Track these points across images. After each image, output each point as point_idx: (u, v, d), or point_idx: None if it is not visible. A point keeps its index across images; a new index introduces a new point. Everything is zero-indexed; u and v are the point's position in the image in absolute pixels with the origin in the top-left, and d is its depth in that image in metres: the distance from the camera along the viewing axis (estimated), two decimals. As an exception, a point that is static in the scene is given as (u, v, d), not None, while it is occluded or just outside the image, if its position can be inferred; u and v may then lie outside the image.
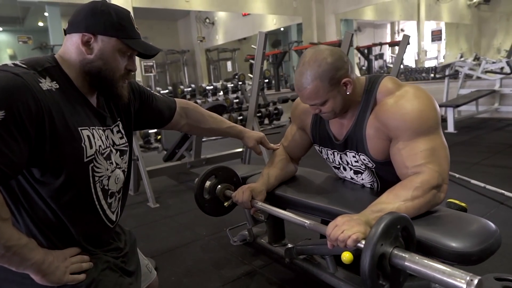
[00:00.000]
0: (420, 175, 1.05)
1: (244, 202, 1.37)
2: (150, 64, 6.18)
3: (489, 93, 5.73)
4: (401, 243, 0.91)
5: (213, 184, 1.58)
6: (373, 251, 0.84)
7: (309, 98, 1.16)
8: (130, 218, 2.67)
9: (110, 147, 0.98)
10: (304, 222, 1.16)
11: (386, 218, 0.87)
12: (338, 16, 9.42)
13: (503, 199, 2.37)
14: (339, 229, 0.95)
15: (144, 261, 1.26)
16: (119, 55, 0.91)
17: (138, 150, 3.01)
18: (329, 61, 1.10)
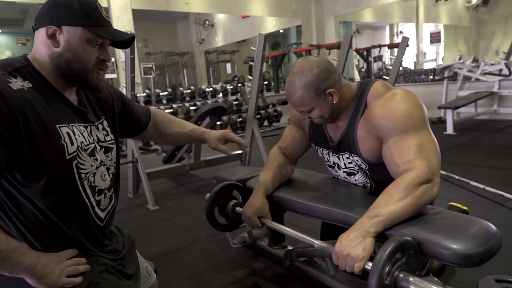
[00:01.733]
0: (410, 172, 1.07)
1: (254, 226, 1.46)
2: (149, 66, 6.18)
3: (488, 94, 5.74)
4: (407, 266, 0.94)
5: (222, 207, 1.64)
6: (379, 277, 0.89)
7: (296, 105, 1.24)
8: (130, 221, 2.67)
9: (95, 143, 0.96)
10: (313, 243, 1.22)
11: (392, 242, 0.91)
12: (337, 18, 9.44)
13: (503, 200, 2.37)
14: (342, 261, 1.02)
15: (143, 264, 1.26)
16: (88, 45, 0.88)
17: (137, 152, 3.00)
18: (315, 72, 1.17)
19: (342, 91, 1.23)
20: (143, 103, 6.40)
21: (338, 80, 1.22)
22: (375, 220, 1.03)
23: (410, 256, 0.96)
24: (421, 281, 0.90)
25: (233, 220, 1.67)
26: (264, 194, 1.48)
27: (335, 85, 1.20)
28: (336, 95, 1.20)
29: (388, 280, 0.90)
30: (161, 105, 6.17)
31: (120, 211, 2.89)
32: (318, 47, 8.17)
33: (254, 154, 3.66)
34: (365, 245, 0.99)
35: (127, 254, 1.06)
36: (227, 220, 1.67)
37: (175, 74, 13.07)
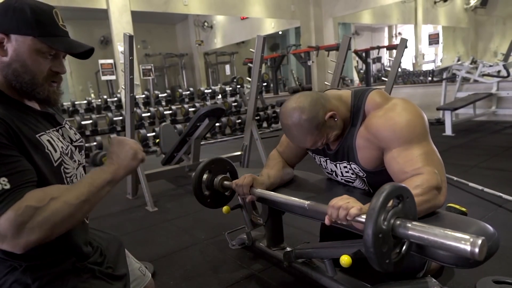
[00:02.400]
0: (419, 175, 1.07)
1: (244, 185, 1.39)
2: (148, 68, 6.18)
3: (486, 96, 5.75)
4: (402, 214, 0.89)
5: (210, 178, 1.59)
6: (375, 221, 0.82)
7: (312, 146, 1.25)
8: (129, 222, 2.67)
9: (70, 145, 0.95)
10: (304, 203, 1.17)
11: (386, 188, 0.85)
12: (336, 20, 9.46)
13: (501, 202, 2.38)
14: (343, 199, 1.00)
15: (136, 265, 1.25)
16: (38, 56, 0.83)
17: (137, 153, 3.00)
18: (305, 117, 1.17)
19: (335, 107, 1.22)
20: (142, 104, 6.40)
21: (326, 102, 1.21)
22: None
23: (406, 203, 0.90)
24: (421, 225, 0.83)
25: (220, 196, 1.62)
26: (267, 180, 1.46)
27: (327, 108, 1.19)
28: (335, 114, 1.20)
29: (385, 225, 0.85)
30: (160, 107, 6.16)
31: (119, 212, 2.89)
32: (317, 48, 8.19)
33: (253, 156, 3.67)
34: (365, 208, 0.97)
35: (114, 256, 1.06)
36: (214, 195, 1.61)
37: (174, 75, 13.07)
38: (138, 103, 6.20)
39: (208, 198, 1.61)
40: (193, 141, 3.37)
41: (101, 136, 5.36)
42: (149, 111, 5.94)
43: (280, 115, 1.24)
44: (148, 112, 5.94)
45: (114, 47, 6.24)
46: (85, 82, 10.34)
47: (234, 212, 1.75)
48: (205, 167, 1.59)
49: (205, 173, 1.59)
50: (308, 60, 8.41)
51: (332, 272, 1.41)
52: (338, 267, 1.38)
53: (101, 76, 5.95)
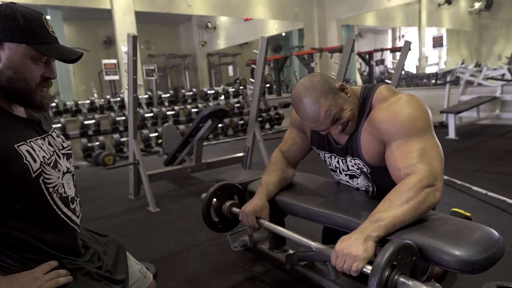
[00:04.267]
0: (411, 176, 1.07)
1: (250, 226, 1.45)
2: (151, 68, 6.19)
3: (490, 99, 5.73)
4: (406, 270, 0.94)
5: (218, 205, 1.65)
6: (379, 280, 0.88)
7: (328, 117, 1.17)
8: (130, 223, 2.66)
9: (55, 153, 0.94)
10: (311, 244, 1.21)
11: (389, 248, 0.90)
12: (339, 22, 9.45)
13: (505, 206, 2.36)
14: (341, 260, 1.00)
15: (137, 266, 1.25)
16: (31, 63, 0.84)
17: (139, 153, 3.00)
18: (317, 79, 1.20)
19: (348, 88, 1.25)
20: (144, 105, 6.41)
21: (335, 80, 1.25)
22: (377, 225, 1.03)
23: (410, 260, 0.95)
24: (419, 284, 0.89)
25: (229, 221, 1.68)
26: (266, 197, 1.48)
27: (337, 83, 1.23)
28: (345, 87, 1.22)
29: (388, 284, 0.90)
30: (163, 107, 6.17)
31: (121, 213, 2.89)
32: (320, 50, 8.18)
33: (255, 157, 3.66)
34: (367, 247, 0.99)
35: (113, 260, 1.05)
36: (223, 220, 1.67)
37: (177, 76, 13.09)
38: (140, 104, 6.20)
39: (218, 224, 1.68)
40: (195, 142, 3.37)
41: (103, 136, 5.37)
42: (152, 112, 5.95)
43: (294, 92, 1.24)
44: (150, 113, 5.94)
45: (117, 48, 6.26)
46: (88, 82, 10.36)
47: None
48: (214, 194, 1.64)
49: (214, 199, 1.64)
50: (311, 62, 8.40)
51: (334, 276, 1.40)
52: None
53: (104, 76, 5.97)
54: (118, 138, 5.29)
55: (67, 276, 0.87)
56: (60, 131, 5.47)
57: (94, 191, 3.68)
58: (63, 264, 0.90)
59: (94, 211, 2.95)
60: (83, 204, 1.07)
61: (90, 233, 1.13)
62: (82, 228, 1.06)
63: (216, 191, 1.64)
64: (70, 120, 5.63)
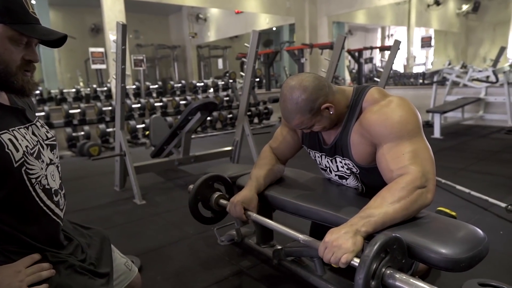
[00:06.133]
0: (404, 176, 1.08)
1: (238, 217, 1.43)
2: (140, 58, 6.09)
3: (474, 100, 5.84)
4: (393, 263, 0.94)
5: (205, 197, 1.62)
6: (366, 273, 0.87)
7: (296, 127, 1.28)
8: (116, 215, 2.63)
9: (39, 143, 0.92)
10: (298, 237, 1.20)
11: (378, 240, 0.90)
12: (330, 19, 9.46)
13: (487, 205, 2.42)
14: (329, 251, 0.99)
15: (122, 260, 1.23)
16: (11, 44, 0.80)
17: (126, 144, 2.95)
18: (304, 97, 1.17)
19: (336, 100, 1.23)
20: (132, 95, 6.31)
21: (330, 92, 1.21)
22: (366, 220, 1.03)
23: (397, 254, 0.94)
24: (407, 278, 0.89)
25: (217, 213, 1.66)
26: (256, 190, 1.47)
27: (327, 99, 1.20)
28: (332, 107, 1.21)
29: (375, 276, 0.89)
30: (150, 98, 6.09)
31: (106, 205, 2.85)
32: (310, 46, 8.19)
33: (243, 151, 3.66)
34: (356, 241, 0.99)
35: (97, 253, 1.03)
36: (210, 213, 1.65)
37: (165, 67, 12.93)
38: (128, 94, 6.10)
39: (205, 216, 1.65)
40: (183, 135, 3.33)
41: (89, 126, 5.27)
42: (140, 103, 5.86)
43: (284, 85, 1.23)
44: (138, 104, 5.86)
45: (105, 36, 6.12)
46: (74, 70, 10.14)
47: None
48: (201, 185, 1.61)
49: (201, 191, 1.62)
50: (302, 57, 8.41)
51: (321, 271, 1.41)
52: (327, 266, 1.38)
53: (91, 65, 5.84)
54: (104, 129, 5.20)
55: (50, 269, 0.86)
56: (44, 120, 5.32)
57: (79, 182, 3.62)
58: (46, 257, 0.88)
59: (78, 203, 2.89)
60: (67, 195, 1.04)
61: (74, 225, 1.11)
62: (66, 220, 1.03)
63: (203, 182, 1.61)
64: (54, 108, 5.49)
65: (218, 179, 1.68)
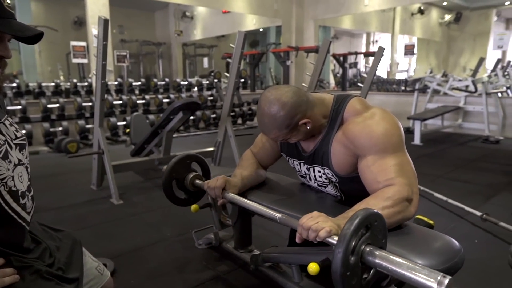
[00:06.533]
0: (391, 187, 1.08)
1: (216, 187, 1.36)
2: (123, 54, 5.97)
3: (454, 109, 5.98)
4: (374, 241, 0.90)
5: (181, 176, 1.55)
6: (346, 247, 0.83)
7: (272, 139, 1.30)
8: (92, 215, 2.55)
9: (7, 143, 0.87)
10: (275, 216, 1.15)
11: (359, 214, 0.86)
12: (317, 22, 9.52)
13: (463, 213, 2.46)
14: (314, 219, 0.98)
15: (94, 263, 1.19)
16: None
17: (104, 142, 2.88)
18: (282, 114, 1.15)
19: (314, 114, 1.21)
20: (114, 92, 6.18)
21: (308, 107, 1.19)
22: None
23: (378, 231, 0.92)
24: (387, 255, 0.86)
25: (191, 194, 1.60)
26: (240, 181, 1.43)
27: (306, 115, 1.18)
28: (309, 122, 1.19)
29: (354, 252, 0.86)
30: (132, 95, 5.97)
31: (82, 204, 2.77)
32: (296, 49, 8.21)
33: (225, 153, 3.62)
34: (337, 227, 0.96)
35: (67, 257, 0.99)
36: (185, 194, 1.59)
37: (150, 64, 12.74)
38: (110, 90, 5.97)
39: (181, 198, 1.59)
40: (165, 134, 3.27)
41: (68, 121, 5.13)
42: (121, 99, 5.74)
43: (262, 97, 1.20)
44: (120, 100, 5.74)
45: (88, 30, 5.98)
46: (55, 63, 9.87)
47: (203, 210, 1.70)
48: (176, 164, 1.54)
49: (176, 170, 1.55)
50: (287, 60, 8.43)
51: (298, 278, 1.39)
52: (304, 272, 1.37)
53: (72, 59, 5.68)
54: (84, 125, 5.07)
55: (13, 275, 0.81)
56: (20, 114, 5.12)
57: (54, 179, 3.51)
58: (10, 262, 0.84)
59: (53, 201, 2.80)
60: (41, 192, 1.00)
61: (43, 227, 1.06)
62: (34, 221, 0.98)
63: (178, 162, 1.54)
64: (32, 102, 5.32)
65: (196, 159, 1.61)
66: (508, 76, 6.91)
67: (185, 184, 1.56)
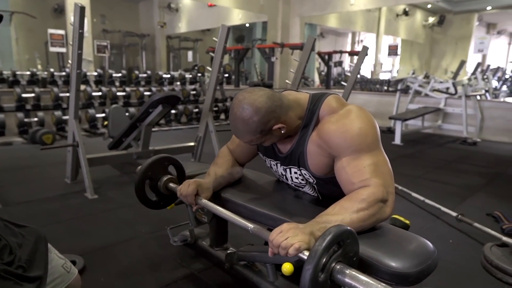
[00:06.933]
0: (366, 188, 1.05)
1: (188, 195, 1.33)
2: (103, 44, 5.80)
3: (434, 110, 6.08)
4: (345, 259, 0.89)
5: (154, 179, 1.51)
6: (316, 264, 0.82)
7: (246, 143, 1.24)
8: (64, 209, 2.46)
9: None
10: (248, 226, 1.12)
11: (332, 231, 0.85)
12: (303, 20, 9.52)
13: (439, 213, 2.49)
14: (283, 235, 0.94)
15: (60, 261, 1.14)
16: None
17: (79, 134, 2.78)
18: (256, 120, 1.11)
19: (289, 118, 1.17)
20: (93, 83, 6.01)
21: (283, 112, 1.15)
22: (322, 226, 1.00)
23: (350, 249, 0.91)
24: (357, 274, 0.85)
25: (164, 197, 1.55)
26: (213, 184, 1.40)
27: (280, 119, 1.14)
28: (284, 127, 1.16)
29: (324, 270, 0.85)
30: (113, 87, 5.82)
31: (54, 198, 2.67)
32: (281, 45, 8.18)
33: (206, 148, 3.57)
34: (310, 239, 0.94)
35: (29, 254, 0.93)
36: (158, 197, 1.54)
37: (133, 56, 12.49)
38: (89, 81, 5.81)
39: (152, 200, 1.54)
40: (143, 128, 3.19)
41: (43, 112, 4.96)
42: (101, 91, 5.59)
43: (235, 100, 1.15)
44: (99, 92, 5.58)
45: (67, 18, 5.79)
46: (33, 51, 9.54)
47: (178, 207, 1.65)
48: (152, 164, 1.50)
49: (152, 170, 1.51)
50: (272, 56, 8.39)
51: (273, 278, 1.37)
52: (280, 272, 1.34)
53: (50, 47, 5.49)
54: (60, 116, 4.92)
55: None
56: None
57: (27, 171, 3.38)
58: None
59: (24, 194, 2.69)
60: (12, 185, 0.94)
61: (5, 223, 0.99)
62: None
63: (151, 164, 1.50)
64: (5, 91, 5.12)
65: (171, 161, 1.57)
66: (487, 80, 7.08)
67: (159, 186, 1.52)
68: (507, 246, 1.66)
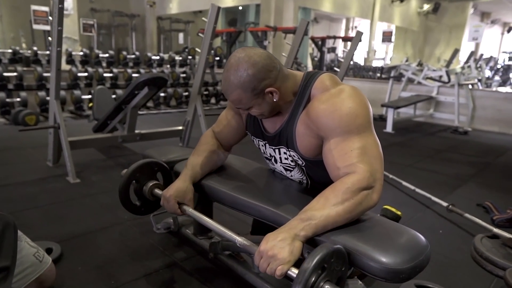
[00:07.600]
0: (350, 176, 0.99)
1: (172, 212, 1.32)
2: (90, 23, 5.60)
3: (427, 98, 6.05)
4: (332, 276, 0.88)
5: (138, 187, 1.48)
6: (304, 285, 0.82)
7: (233, 103, 1.14)
8: (44, 194, 2.36)
9: None
10: (235, 239, 1.10)
11: (319, 252, 0.84)
12: (297, 3, 9.33)
13: (430, 203, 2.45)
14: (265, 261, 0.92)
15: (32, 249, 1.07)
16: None
17: (60, 116, 2.66)
18: (250, 73, 1.04)
19: (284, 87, 1.11)
20: (79, 63, 5.82)
21: (280, 76, 1.09)
22: (306, 224, 0.95)
23: (336, 265, 0.88)
24: None
25: (149, 203, 1.52)
26: (190, 180, 1.35)
27: (275, 83, 1.08)
28: (277, 93, 1.09)
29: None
30: (100, 68, 5.64)
31: (34, 181, 2.57)
32: (274, 29, 8.01)
33: (194, 133, 3.47)
34: (293, 249, 0.91)
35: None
36: (142, 202, 1.51)
37: (122, 37, 12.17)
38: (74, 61, 5.61)
39: (138, 207, 1.51)
40: (129, 110, 3.08)
41: (26, 92, 4.78)
42: (87, 71, 5.41)
43: (232, 54, 1.09)
44: (85, 72, 5.40)
45: (51, -6, 5.55)
46: (18, 29, 9.20)
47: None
48: (134, 173, 1.46)
49: (137, 175, 1.47)
50: (265, 40, 8.22)
51: (257, 269, 1.31)
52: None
53: (33, 25, 5.27)
54: (44, 96, 4.74)
55: None
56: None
57: (7, 153, 3.26)
58: None
59: (1, 177, 2.58)
60: None
61: None
62: None
63: (136, 169, 1.46)
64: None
65: (155, 165, 1.53)
66: (480, 69, 7.05)
67: (144, 191, 1.48)
68: (497, 238, 1.63)
